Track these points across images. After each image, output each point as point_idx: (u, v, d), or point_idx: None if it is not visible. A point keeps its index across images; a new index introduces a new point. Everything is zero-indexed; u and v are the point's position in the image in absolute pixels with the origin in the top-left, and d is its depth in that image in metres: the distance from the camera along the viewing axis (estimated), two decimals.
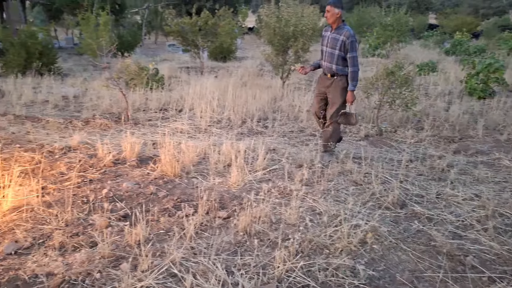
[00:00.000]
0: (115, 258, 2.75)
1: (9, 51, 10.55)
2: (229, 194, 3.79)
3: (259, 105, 7.27)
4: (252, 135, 5.90)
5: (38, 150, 4.90)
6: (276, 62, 9.06)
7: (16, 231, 3.03)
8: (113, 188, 3.86)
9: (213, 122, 6.45)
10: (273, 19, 8.45)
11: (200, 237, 3.07)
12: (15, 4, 21.53)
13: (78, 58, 15.66)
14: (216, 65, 14.03)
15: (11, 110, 6.89)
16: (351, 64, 4.54)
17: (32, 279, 2.48)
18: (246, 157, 4.59)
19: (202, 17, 11.87)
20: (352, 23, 21.36)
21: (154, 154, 4.85)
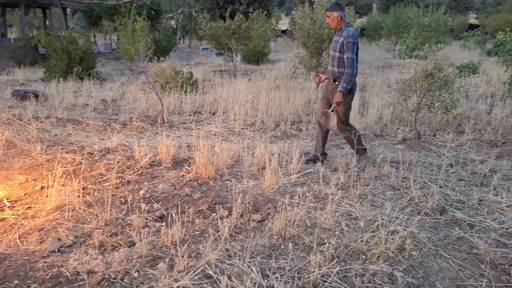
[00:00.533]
0: (152, 257, 2.80)
1: (52, 56, 10.98)
2: (263, 197, 3.79)
3: (293, 108, 7.24)
4: (286, 138, 5.87)
5: (79, 152, 5.07)
6: (310, 65, 9.01)
7: (59, 230, 3.14)
8: (150, 189, 3.93)
9: (246, 125, 6.48)
10: (307, 21, 8.42)
11: (234, 240, 3.08)
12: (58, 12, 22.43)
13: (116, 63, 16.13)
14: (249, 68, 14.10)
15: (53, 113, 7.17)
16: (347, 65, 4.33)
17: (74, 276, 2.57)
18: (280, 160, 4.57)
19: (235, 21, 11.96)
20: (389, 24, 20.98)
21: (189, 156, 4.92)
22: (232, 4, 22.98)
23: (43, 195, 3.81)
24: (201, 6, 23.77)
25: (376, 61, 16.13)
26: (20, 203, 3.72)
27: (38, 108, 7.45)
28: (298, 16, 8.69)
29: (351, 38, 4.31)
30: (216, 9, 23.75)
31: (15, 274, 2.58)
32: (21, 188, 4.07)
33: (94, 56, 11.75)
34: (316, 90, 9.03)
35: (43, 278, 2.54)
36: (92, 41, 18.39)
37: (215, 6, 23.73)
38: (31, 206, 3.63)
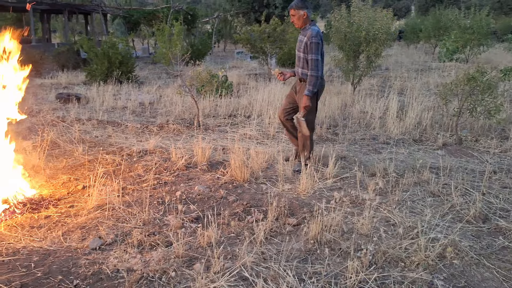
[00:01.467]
0: (188, 258, 2.84)
1: (93, 61, 11.37)
2: (298, 201, 3.76)
3: (329, 112, 7.17)
4: (322, 142, 5.82)
5: (118, 153, 5.22)
6: (346, 68, 8.90)
7: (100, 228, 3.24)
8: (186, 191, 3.99)
9: (281, 128, 6.46)
10: (344, 24, 8.33)
11: (269, 243, 3.08)
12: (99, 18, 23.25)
13: (153, 67, 16.52)
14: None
15: (94, 115, 7.42)
16: (311, 67, 4.14)
17: (114, 273, 2.63)
18: (315, 164, 4.53)
19: (271, 24, 12.00)
20: (428, 27, 20.43)
21: (224, 159, 4.96)
22: (267, 7, 23.05)
23: (85, 194, 3.94)
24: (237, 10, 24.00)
25: (415, 64, 15.76)
26: (64, 201, 3.87)
27: (80, 111, 7.72)
28: (335, 19, 8.61)
29: (315, 38, 4.09)
30: (251, 13, 23.90)
31: (59, 270, 2.68)
32: (64, 187, 4.23)
33: (132, 60, 12.08)
34: (353, 94, 8.92)
35: (85, 274, 2.62)
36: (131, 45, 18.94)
37: (250, 10, 23.89)
38: (73, 205, 3.76)
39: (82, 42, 12.35)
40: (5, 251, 2.90)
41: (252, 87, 9.68)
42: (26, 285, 2.52)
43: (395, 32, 9.33)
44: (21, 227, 3.32)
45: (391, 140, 5.90)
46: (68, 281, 2.56)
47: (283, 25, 12.29)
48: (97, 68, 11.16)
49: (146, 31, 24.33)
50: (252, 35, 12.21)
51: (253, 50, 12.93)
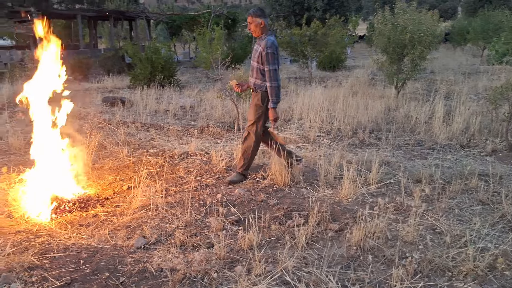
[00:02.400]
0: (230, 260, 2.85)
1: (137, 65, 11.72)
2: (340, 207, 3.70)
3: (371, 116, 7.02)
4: (364, 147, 5.70)
5: (161, 155, 5.34)
6: (390, 71, 8.70)
7: (144, 228, 3.32)
8: (226, 194, 4.02)
9: (322, 133, 6.40)
10: (388, 27, 8.15)
11: (311, 248, 3.04)
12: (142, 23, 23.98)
13: (194, 71, 16.82)
14: (325, 75, 13.95)
15: (138, 118, 7.63)
16: (268, 78, 4.03)
17: (158, 272, 2.69)
18: (358, 169, 4.45)
19: (312, 28, 11.94)
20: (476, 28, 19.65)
21: (264, 162, 4.96)
22: (308, 11, 22.96)
23: (130, 194, 4.05)
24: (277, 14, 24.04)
25: (462, 68, 15.17)
26: (110, 201, 4.00)
27: (125, 114, 7.95)
28: (378, 21, 8.45)
29: (270, 49, 4.00)
30: (292, 16, 23.87)
31: (106, 267, 2.77)
32: (110, 187, 4.37)
33: (174, 65, 12.34)
34: (397, 98, 8.70)
35: (131, 272, 2.69)
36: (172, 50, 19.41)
37: (291, 13, 23.87)
38: (119, 204, 3.88)
39: (127, 47, 12.76)
40: (56, 247, 3.03)
41: (292, 91, 9.64)
42: (76, 280, 2.62)
43: (441, 34, 9.01)
44: (70, 224, 3.46)
45: (437, 145, 5.69)
46: (115, 278, 2.64)
47: (324, 28, 12.19)
48: (140, 73, 11.48)
49: (187, 36, 24.83)
50: (292, 38, 12.19)
51: (293, 53, 12.89)
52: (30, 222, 3.50)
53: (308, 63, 12.91)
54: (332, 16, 13.52)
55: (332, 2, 23.15)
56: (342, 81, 11.53)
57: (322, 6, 22.51)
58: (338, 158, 4.73)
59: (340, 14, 17.58)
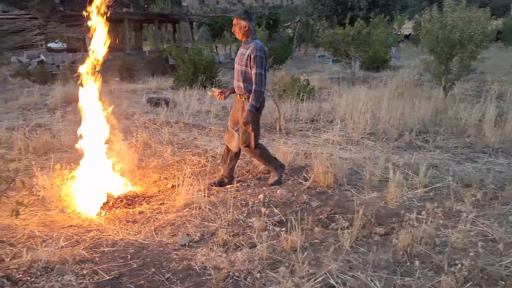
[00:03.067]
0: (272, 261, 2.84)
1: (180, 67, 11.96)
2: (386, 210, 3.61)
3: (418, 117, 6.78)
4: (411, 150, 5.53)
5: (203, 155, 5.42)
6: (437, 71, 8.39)
7: (188, 226, 3.38)
8: (268, 194, 4.01)
9: (366, 134, 6.26)
10: (436, 25, 7.86)
11: (355, 252, 2.98)
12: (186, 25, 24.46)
13: None
14: (369, 75, 13.66)
15: (181, 118, 7.77)
16: (254, 81, 3.93)
17: (202, 270, 2.73)
18: (404, 172, 4.32)
19: (355, 27, 11.73)
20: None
21: (306, 164, 4.91)
22: (351, 10, 22.57)
23: (174, 193, 4.14)
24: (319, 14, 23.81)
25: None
26: (155, 199, 4.10)
27: (169, 114, 8.13)
28: (425, 20, 8.17)
29: (259, 52, 3.90)
30: (335, 15, 23.57)
31: (152, 263, 2.84)
32: (155, 185, 4.48)
33: (216, 66, 12.48)
34: (445, 99, 8.38)
35: (176, 269, 2.75)
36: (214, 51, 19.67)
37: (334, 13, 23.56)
38: (164, 202, 3.97)
39: (170, 49, 13.06)
40: (105, 242, 3.14)
41: (335, 91, 9.50)
42: (124, 275, 2.71)
43: (492, 33, 8.58)
44: (118, 220, 3.57)
45: (489, 149, 5.43)
46: (161, 274, 2.70)
47: (369, 28, 11.94)
48: (183, 74, 11.69)
49: (229, 37, 25.07)
50: (335, 38, 12.03)
51: (336, 53, 12.72)
52: (81, 217, 3.65)
53: (351, 63, 12.69)
54: (376, 15, 13.22)
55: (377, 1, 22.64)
56: (387, 81, 11.24)
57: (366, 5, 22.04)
58: (384, 160, 4.61)
59: (384, 13, 17.18)
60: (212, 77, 11.85)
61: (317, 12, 23.95)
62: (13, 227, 3.37)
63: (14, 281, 2.59)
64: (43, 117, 7.97)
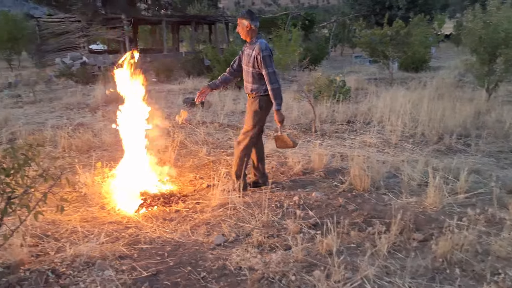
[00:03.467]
0: (307, 264, 2.83)
1: (215, 67, 12.08)
2: (425, 216, 3.51)
3: (459, 120, 6.56)
4: (451, 153, 5.36)
5: None
6: (480, 72, 8.09)
7: (223, 225, 3.41)
8: (303, 196, 3.99)
9: (404, 137, 6.11)
10: (479, 25, 7.58)
11: (393, 257, 2.92)
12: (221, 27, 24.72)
13: None
14: (407, 76, 13.33)
15: (216, 118, 7.86)
16: (268, 81, 3.88)
17: (237, 270, 2.75)
18: (444, 176, 4.19)
19: (393, 27, 11.48)
20: None
21: (342, 166, 4.86)
22: (389, 9, 22.07)
23: (209, 192, 4.18)
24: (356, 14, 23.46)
25: None
26: (190, 198, 4.16)
27: (204, 114, 8.23)
28: (468, 20, 7.89)
29: (266, 51, 3.88)
30: (372, 15, 23.13)
31: (188, 261, 2.89)
32: (191, 184, 4.55)
33: None
34: (488, 101, 8.06)
35: (211, 268, 2.78)
36: None
37: (371, 13, 23.13)
38: (199, 202, 4.03)
39: (206, 50, 13.22)
40: (143, 239, 3.22)
41: (372, 93, 9.33)
42: (161, 272, 2.77)
43: None
44: (155, 218, 3.65)
45: None
46: (196, 272, 2.74)
47: (408, 28, 11.65)
48: (218, 74, 11.77)
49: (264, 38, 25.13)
50: (372, 38, 11.81)
51: (373, 54, 12.48)
52: (120, 214, 3.77)
53: (389, 64, 12.43)
54: (416, 14, 12.88)
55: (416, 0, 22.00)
56: (426, 82, 10.93)
57: (405, 4, 21.46)
58: (423, 164, 4.49)
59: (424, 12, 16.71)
60: None
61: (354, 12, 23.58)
62: (57, 222, 3.52)
63: (58, 274, 2.70)
64: (85, 117, 8.27)
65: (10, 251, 2.86)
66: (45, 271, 2.72)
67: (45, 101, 10.17)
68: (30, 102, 10.08)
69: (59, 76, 14.25)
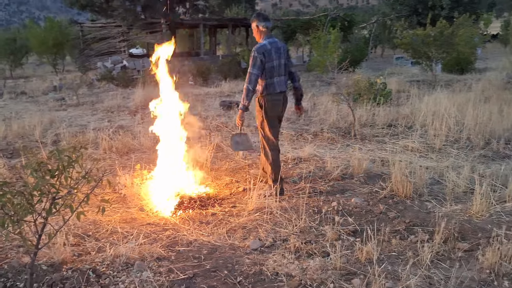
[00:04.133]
0: (346, 271, 2.75)
1: None
2: (470, 225, 3.34)
3: (507, 124, 6.22)
4: (499, 159, 5.09)
5: None
6: None
7: (259, 230, 3.38)
8: (342, 202, 3.90)
9: (449, 142, 5.86)
10: None
11: (436, 267, 2.79)
12: None
13: (307, 75, 16.79)
14: (451, 78, 12.84)
15: (252, 122, 7.83)
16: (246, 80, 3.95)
17: (273, 276, 2.71)
18: (491, 183, 3.97)
19: (437, 27, 11.08)
20: None
21: (382, 172, 4.72)
22: (432, 9, 21.33)
23: (245, 196, 4.17)
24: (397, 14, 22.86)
25: None
26: (227, 201, 4.16)
27: None
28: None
29: (254, 52, 3.92)
30: (414, 15, 22.45)
31: (224, 265, 2.88)
32: (227, 188, 4.55)
33: None
34: None
35: (247, 273, 2.76)
36: None
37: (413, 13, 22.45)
38: (235, 205, 4.02)
39: (243, 53, 13.27)
40: (180, 241, 3.25)
41: (414, 95, 9.03)
42: (198, 275, 2.77)
43: None
44: (192, 221, 3.67)
45: None
46: (233, 277, 2.72)
47: (452, 28, 11.22)
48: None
49: (301, 39, 24.96)
50: (414, 39, 11.46)
51: (415, 55, 12.10)
52: (158, 216, 3.81)
53: (432, 65, 12.02)
54: (460, 14, 12.38)
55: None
56: (472, 85, 10.48)
57: (448, 4, 20.65)
58: (468, 170, 4.29)
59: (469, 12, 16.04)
60: None
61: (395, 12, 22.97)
62: (98, 222, 3.60)
63: (98, 274, 2.76)
64: (125, 119, 8.49)
65: (54, 250, 2.95)
66: (86, 270, 2.78)
67: (87, 104, 10.53)
68: (73, 105, 10.48)
69: (101, 80, 14.73)
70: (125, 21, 17.60)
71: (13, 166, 5.18)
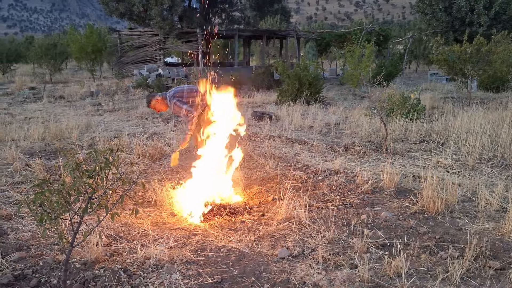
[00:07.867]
0: (374, 284, 2.74)
1: (285, 82, 12.18)
2: (503, 243, 3.26)
3: None
4: None
5: (304, 170, 5.43)
6: None
7: (287, 239, 3.41)
8: (372, 216, 3.88)
9: (482, 159, 5.73)
10: None
11: (466, 284, 2.74)
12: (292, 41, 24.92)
13: (340, 88, 16.75)
14: (487, 96, 12.53)
15: (283, 133, 7.89)
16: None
17: (300, 285, 2.73)
18: None
19: (474, 44, 10.86)
20: None
21: (414, 187, 4.66)
22: (469, 26, 20.88)
23: (274, 205, 4.21)
24: (433, 30, 22.50)
25: None
26: (256, 210, 4.21)
27: (271, 128, 8.32)
28: None
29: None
30: (451, 32, 22.02)
31: (252, 272, 2.92)
32: (257, 197, 4.61)
33: (321, 82, 12.46)
34: None
35: (274, 280, 2.79)
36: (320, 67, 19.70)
37: (450, 29, 22.03)
38: (264, 214, 4.06)
39: (277, 64, 13.37)
40: (209, 247, 3.32)
41: (448, 112, 8.88)
42: (225, 280, 2.82)
43: None
44: (221, 227, 3.74)
45: None
46: (260, 284, 2.76)
47: (489, 45, 10.96)
48: (288, 89, 11.88)
49: (335, 53, 24.93)
50: (450, 55, 11.25)
51: (450, 71, 11.86)
52: (188, 221, 3.90)
53: (467, 82, 11.76)
54: (498, 31, 12.07)
55: (499, 17, 20.56)
56: (508, 103, 10.19)
57: (486, 21, 20.13)
58: (502, 188, 4.18)
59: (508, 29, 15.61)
60: (316, 92, 11.86)
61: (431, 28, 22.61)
62: (130, 224, 3.73)
63: (129, 275, 2.85)
64: (158, 126, 8.71)
65: (87, 249, 3.08)
66: (117, 270, 2.88)
67: (122, 110, 10.87)
68: (109, 110, 10.84)
69: (136, 87, 15.17)
70: (162, 30, 18.09)
71: (50, 167, 5.43)
